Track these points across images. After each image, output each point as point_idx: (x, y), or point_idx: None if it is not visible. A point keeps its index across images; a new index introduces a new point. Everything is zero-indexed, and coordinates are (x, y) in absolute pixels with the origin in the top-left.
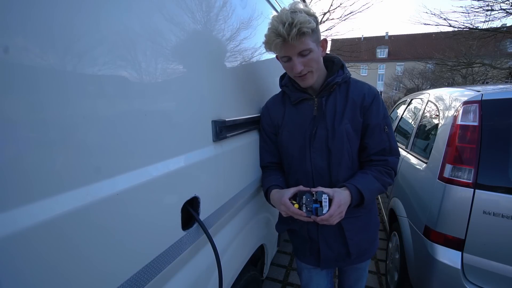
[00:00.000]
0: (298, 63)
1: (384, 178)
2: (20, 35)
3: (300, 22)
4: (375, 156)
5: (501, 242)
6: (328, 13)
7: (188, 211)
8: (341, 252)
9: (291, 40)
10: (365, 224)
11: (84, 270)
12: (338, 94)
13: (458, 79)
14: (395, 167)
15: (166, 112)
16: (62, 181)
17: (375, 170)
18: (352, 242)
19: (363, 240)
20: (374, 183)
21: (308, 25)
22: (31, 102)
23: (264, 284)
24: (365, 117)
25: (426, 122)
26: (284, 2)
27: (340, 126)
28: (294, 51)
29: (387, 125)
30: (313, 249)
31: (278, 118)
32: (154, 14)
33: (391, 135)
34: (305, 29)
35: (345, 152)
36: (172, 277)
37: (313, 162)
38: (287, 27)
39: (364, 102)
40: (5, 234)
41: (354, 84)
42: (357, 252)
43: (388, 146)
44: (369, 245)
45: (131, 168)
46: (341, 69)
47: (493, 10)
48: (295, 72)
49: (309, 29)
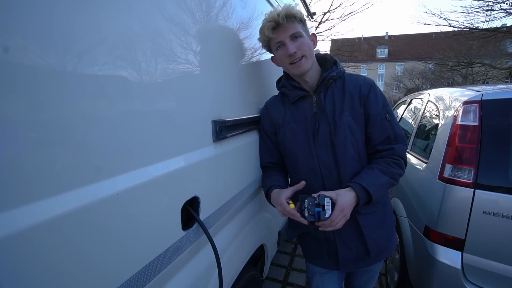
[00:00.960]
0: (291, 45)
1: (392, 169)
2: (20, 35)
3: (289, 7)
4: (381, 146)
5: (501, 242)
6: (328, 13)
7: (188, 211)
8: (360, 250)
9: (282, 20)
10: (382, 220)
11: (84, 270)
12: (335, 89)
13: (458, 79)
14: (403, 154)
15: (166, 112)
16: (62, 181)
17: (382, 162)
18: (370, 239)
19: (381, 236)
20: (381, 177)
21: (296, 10)
22: (31, 102)
23: (264, 284)
24: (365, 107)
25: (426, 122)
26: (284, 2)
27: (341, 119)
28: (285, 35)
29: (388, 113)
30: (330, 251)
31: (279, 118)
32: (154, 14)
33: (393, 123)
34: (293, 11)
35: (349, 144)
36: (172, 277)
37: (320, 159)
38: (278, 12)
39: (362, 92)
40: (5, 234)
41: (349, 78)
42: (376, 250)
43: (393, 133)
44: (387, 242)
45: (131, 168)
46: (334, 65)
47: (493, 10)
48: (290, 53)
49: (298, 13)
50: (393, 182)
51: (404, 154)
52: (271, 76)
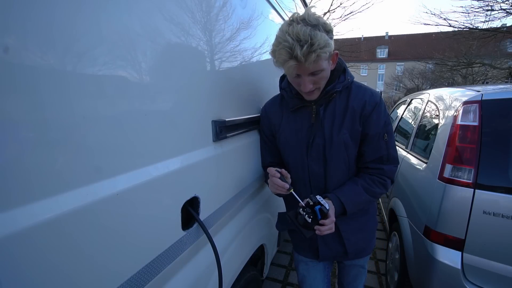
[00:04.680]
0: (308, 82)
1: (375, 189)
2: (20, 35)
3: (320, 47)
4: (371, 164)
5: (501, 242)
6: (328, 13)
7: (188, 211)
8: (339, 251)
9: (308, 64)
10: (362, 225)
11: (84, 270)
12: (338, 102)
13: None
14: (392, 175)
15: (166, 112)
16: (62, 181)
17: (368, 179)
18: (349, 242)
19: (360, 239)
20: (361, 195)
21: (327, 49)
22: (31, 102)
23: (264, 284)
24: (364, 126)
25: (426, 122)
26: (284, 1)
27: (338, 136)
28: (306, 72)
29: (387, 133)
30: (312, 246)
31: (276, 121)
32: (154, 14)
33: (390, 143)
34: (323, 54)
35: (342, 161)
36: (172, 277)
37: (310, 169)
38: (305, 50)
39: (364, 111)
40: (5, 234)
41: (356, 90)
42: (355, 251)
43: (386, 154)
44: (366, 244)
45: (131, 168)
46: (342, 74)
47: (493, 10)
48: (304, 90)
49: (328, 53)
50: (373, 200)
51: (393, 175)
52: (271, 76)
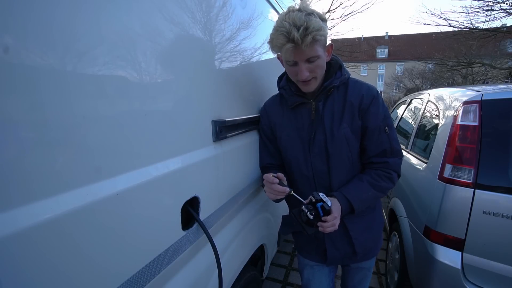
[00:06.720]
0: (305, 70)
1: (381, 183)
2: (20, 35)
3: (315, 29)
4: (375, 158)
5: (501, 242)
6: (328, 13)
7: (188, 211)
8: (347, 251)
9: (304, 47)
10: (369, 223)
11: (84, 270)
12: (336, 97)
13: (458, 79)
14: (398, 168)
15: (166, 112)
16: (62, 181)
17: (374, 174)
18: (358, 241)
19: (368, 239)
20: (368, 191)
21: (322, 32)
22: (31, 102)
23: (264, 284)
24: (363, 119)
25: (426, 122)
26: (284, 1)
27: (339, 131)
28: (302, 57)
29: (387, 125)
30: (319, 249)
31: (276, 120)
32: (154, 14)
33: (392, 136)
34: (318, 37)
35: (344, 155)
36: (172, 277)
37: (313, 166)
38: (301, 32)
39: (362, 105)
40: (5, 234)
41: (353, 85)
42: (363, 251)
43: (389, 147)
44: (374, 244)
45: (131, 168)
46: (339, 71)
47: (493, 10)
48: (301, 78)
49: (322, 37)
50: (380, 195)
51: (398, 168)
52: (271, 76)
